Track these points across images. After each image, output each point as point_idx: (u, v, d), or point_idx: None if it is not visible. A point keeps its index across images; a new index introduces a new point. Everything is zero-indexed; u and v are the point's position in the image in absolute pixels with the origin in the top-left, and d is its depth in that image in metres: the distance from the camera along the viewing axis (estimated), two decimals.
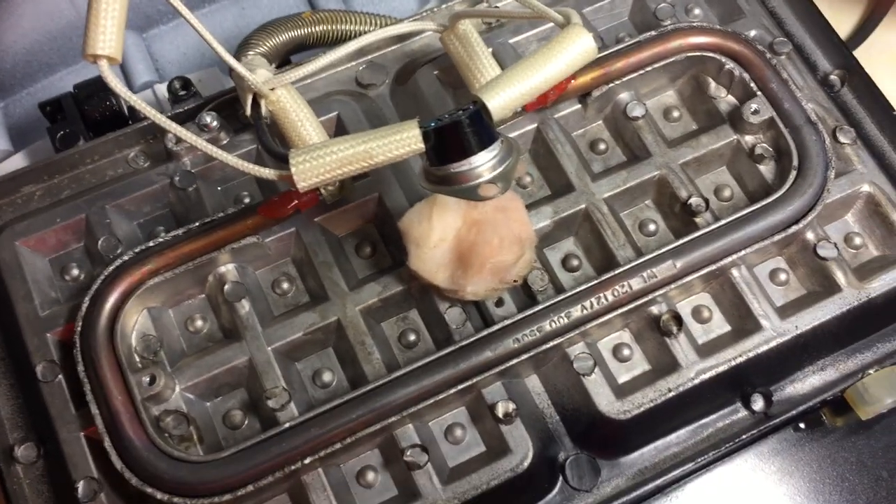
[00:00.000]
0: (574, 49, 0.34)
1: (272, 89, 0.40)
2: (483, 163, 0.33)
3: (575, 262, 0.43)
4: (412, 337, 0.42)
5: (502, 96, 0.34)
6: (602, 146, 0.45)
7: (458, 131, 0.33)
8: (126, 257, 0.40)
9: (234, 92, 0.44)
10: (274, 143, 0.38)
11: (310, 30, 0.47)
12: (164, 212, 0.44)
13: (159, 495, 0.36)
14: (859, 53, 0.59)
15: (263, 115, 0.40)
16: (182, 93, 0.45)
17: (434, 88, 0.45)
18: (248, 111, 0.40)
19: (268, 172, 0.35)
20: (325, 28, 0.47)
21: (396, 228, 0.40)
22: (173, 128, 0.36)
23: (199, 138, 0.37)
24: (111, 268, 0.40)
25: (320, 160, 0.34)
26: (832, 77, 0.46)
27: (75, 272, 0.42)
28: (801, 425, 0.41)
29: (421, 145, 0.34)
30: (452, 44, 0.42)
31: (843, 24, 0.60)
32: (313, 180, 0.34)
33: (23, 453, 0.38)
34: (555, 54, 0.34)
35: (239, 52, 0.45)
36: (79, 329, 0.39)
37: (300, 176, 0.34)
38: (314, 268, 0.41)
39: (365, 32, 0.47)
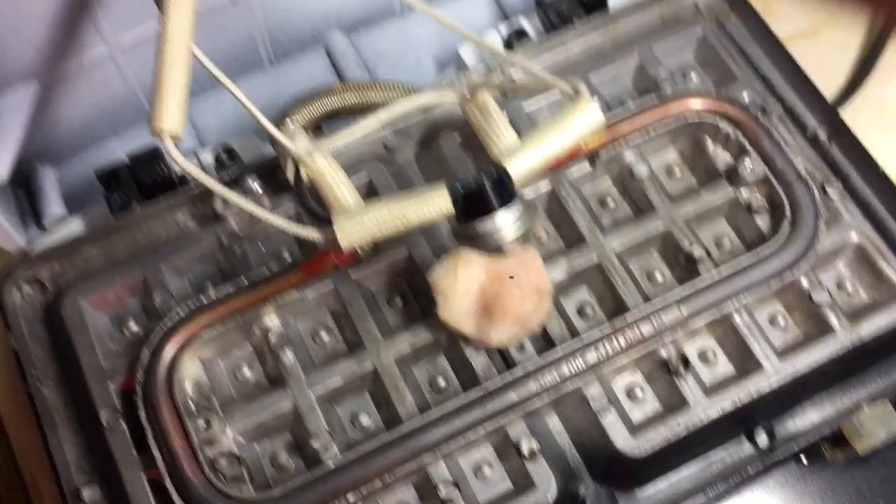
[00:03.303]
0: (584, 120, 0.39)
1: (311, 157, 0.44)
2: (505, 221, 0.38)
3: (588, 310, 0.47)
4: (441, 381, 0.45)
5: (521, 163, 0.38)
6: (611, 202, 0.49)
7: (482, 194, 0.37)
8: (181, 313, 0.44)
9: (274, 158, 0.49)
10: (315, 206, 0.43)
11: (341, 99, 0.51)
12: (213, 269, 0.48)
13: None
14: (849, 110, 0.63)
15: (304, 181, 0.44)
16: (227, 159, 0.50)
17: (455, 153, 0.49)
18: (291, 177, 0.45)
19: (314, 234, 0.39)
20: (354, 97, 0.52)
21: (425, 281, 0.44)
22: (227, 194, 0.40)
23: (249, 203, 0.41)
24: (168, 323, 0.44)
25: (361, 223, 0.38)
26: (820, 134, 0.50)
27: (133, 326, 0.46)
28: (804, 459, 0.44)
29: (450, 207, 0.38)
30: (472, 112, 0.46)
31: (832, 83, 0.64)
32: (355, 241, 0.38)
33: (89, 495, 0.42)
34: (566, 125, 0.39)
35: (279, 122, 0.49)
36: (140, 379, 0.42)
37: (344, 237, 0.38)
38: (351, 319, 0.45)
39: (391, 100, 0.52)
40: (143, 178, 0.49)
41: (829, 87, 0.64)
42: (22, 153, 0.51)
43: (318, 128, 0.53)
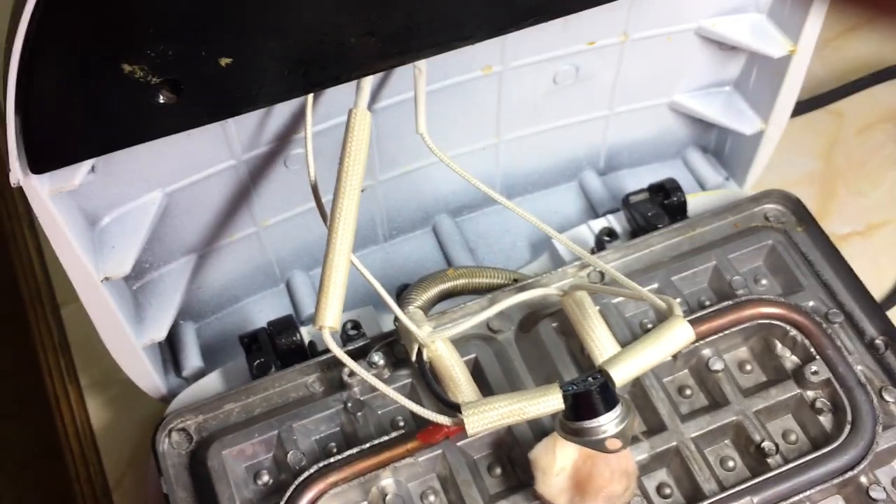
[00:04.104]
0: (678, 338, 0.46)
1: (433, 343, 0.51)
2: (608, 421, 0.44)
3: (667, 491, 0.52)
4: None
5: (622, 371, 0.45)
6: (688, 392, 0.56)
7: (590, 397, 0.44)
8: (312, 470, 0.50)
9: (392, 332, 0.56)
10: (438, 388, 0.50)
11: (453, 284, 0.59)
12: (336, 429, 0.54)
13: None
14: None
15: (425, 361, 0.52)
16: (353, 332, 0.57)
17: (552, 338, 0.56)
18: (413, 357, 0.52)
19: (444, 420, 0.46)
20: (465, 282, 0.59)
21: (522, 453, 0.51)
22: (364, 374, 0.48)
23: (381, 382, 0.48)
24: (300, 479, 0.50)
25: (486, 414, 0.45)
26: (877, 342, 0.56)
27: (265, 478, 0.53)
28: None
29: (562, 405, 0.45)
30: (570, 307, 0.54)
31: (885, 281, 0.71)
32: (479, 429, 0.45)
33: None
34: (663, 341, 0.46)
35: (400, 302, 0.56)
36: None
37: (472, 426, 0.45)
38: (456, 484, 0.51)
39: (495, 285, 0.59)
40: (280, 345, 0.57)
41: (882, 284, 0.70)
42: None
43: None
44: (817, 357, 0.54)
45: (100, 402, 0.66)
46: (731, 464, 0.53)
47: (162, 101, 0.41)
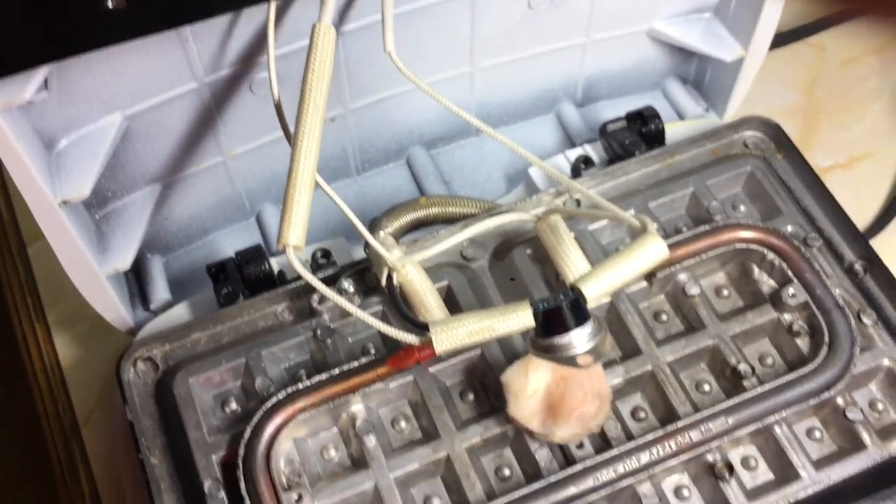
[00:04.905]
0: (650, 254, 0.45)
1: (404, 266, 0.50)
2: (579, 337, 0.43)
3: (642, 414, 0.52)
4: (506, 471, 0.50)
5: (594, 287, 0.44)
6: (664, 317, 0.55)
7: (561, 314, 0.43)
8: (280, 396, 0.50)
9: (363, 260, 0.55)
10: (407, 310, 0.49)
11: (426, 212, 0.58)
12: (306, 357, 0.53)
13: None
14: (882, 238, 0.68)
15: (395, 285, 0.51)
16: (322, 261, 0.56)
17: (526, 265, 0.55)
18: (383, 282, 0.51)
19: (412, 339, 0.45)
20: (437, 210, 0.58)
21: (496, 378, 0.50)
22: (330, 294, 0.46)
23: (352, 306, 0.47)
24: (268, 405, 0.49)
25: (454, 331, 0.44)
26: (856, 266, 0.55)
27: (233, 406, 0.52)
28: None
29: (532, 322, 0.44)
30: (544, 231, 0.53)
31: (866, 212, 0.70)
32: (448, 347, 0.44)
33: None
34: (635, 257, 0.45)
35: (372, 230, 0.55)
36: (241, 454, 0.48)
37: (439, 344, 0.44)
38: (428, 410, 0.51)
39: (468, 214, 0.58)
40: (248, 273, 0.55)
41: (863, 216, 0.69)
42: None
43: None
44: (795, 280, 0.53)
45: (67, 339, 0.65)
46: (706, 387, 0.52)
47: (111, 6, 0.39)
